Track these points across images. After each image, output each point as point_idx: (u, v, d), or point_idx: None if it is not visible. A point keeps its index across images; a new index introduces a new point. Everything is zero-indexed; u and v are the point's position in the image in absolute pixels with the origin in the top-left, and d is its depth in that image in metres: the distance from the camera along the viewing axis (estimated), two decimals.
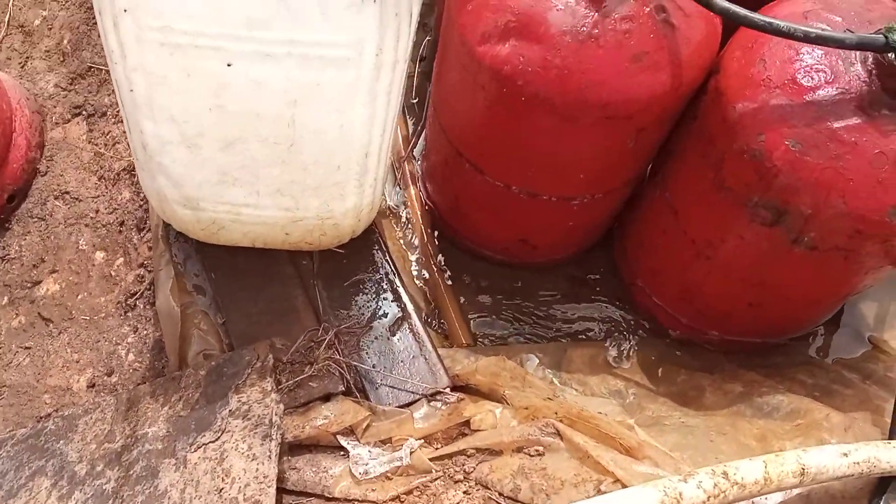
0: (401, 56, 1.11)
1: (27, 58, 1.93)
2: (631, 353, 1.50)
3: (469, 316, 1.59)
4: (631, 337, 1.54)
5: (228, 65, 1.05)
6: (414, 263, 1.68)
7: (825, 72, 1.11)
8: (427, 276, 1.66)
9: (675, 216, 1.39)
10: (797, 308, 1.38)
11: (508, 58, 1.17)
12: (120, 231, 1.64)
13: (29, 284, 1.65)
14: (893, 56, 1.03)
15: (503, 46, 1.18)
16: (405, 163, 1.80)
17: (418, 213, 1.73)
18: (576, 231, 1.57)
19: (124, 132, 1.75)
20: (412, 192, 1.77)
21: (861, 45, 1.04)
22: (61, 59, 1.89)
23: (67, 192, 1.73)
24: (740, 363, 1.42)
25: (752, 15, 1.07)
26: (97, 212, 1.69)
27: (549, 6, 1.15)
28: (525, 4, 1.16)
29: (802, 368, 1.39)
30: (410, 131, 1.86)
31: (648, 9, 1.15)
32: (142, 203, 1.65)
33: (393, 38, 1.07)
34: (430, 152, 1.68)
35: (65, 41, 1.90)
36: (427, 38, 2.05)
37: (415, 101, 1.90)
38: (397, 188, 1.80)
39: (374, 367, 1.37)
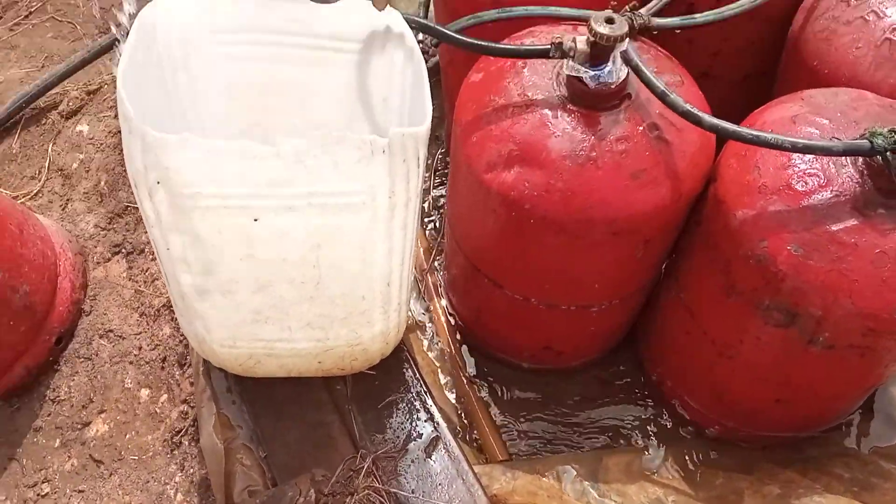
0: (412, 194, 1.19)
1: (67, 200, 2.06)
2: (667, 457, 1.50)
3: (501, 427, 1.61)
4: (665, 439, 1.54)
5: (255, 220, 1.13)
6: (443, 376, 1.72)
7: (818, 176, 1.15)
8: (457, 388, 1.70)
9: (693, 318, 1.42)
10: (824, 403, 1.39)
11: (514, 184, 1.24)
12: (163, 367, 1.72)
13: (79, 426, 1.71)
14: (880, 158, 1.08)
15: (508, 173, 1.25)
16: (427, 275, 1.87)
17: (444, 324, 1.79)
18: (598, 335, 1.61)
19: None
20: (437, 303, 1.83)
21: (848, 152, 1.10)
22: (99, 199, 2.02)
23: (111, 331, 1.82)
24: (776, 460, 1.41)
25: (740, 129, 1.14)
26: (140, 349, 1.77)
27: (547, 133, 1.22)
28: (525, 133, 1.24)
29: (839, 461, 1.38)
30: (430, 243, 1.94)
31: (641, 127, 1.22)
32: (182, 339, 1.73)
33: (403, 181, 1.15)
34: (449, 266, 1.75)
35: (102, 182, 2.04)
36: (440, 150, 2.15)
37: (433, 216, 1.98)
38: (422, 300, 1.86)
39: (413, 492, 1.39)
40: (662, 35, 1.32)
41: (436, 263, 1.90)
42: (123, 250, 1.92)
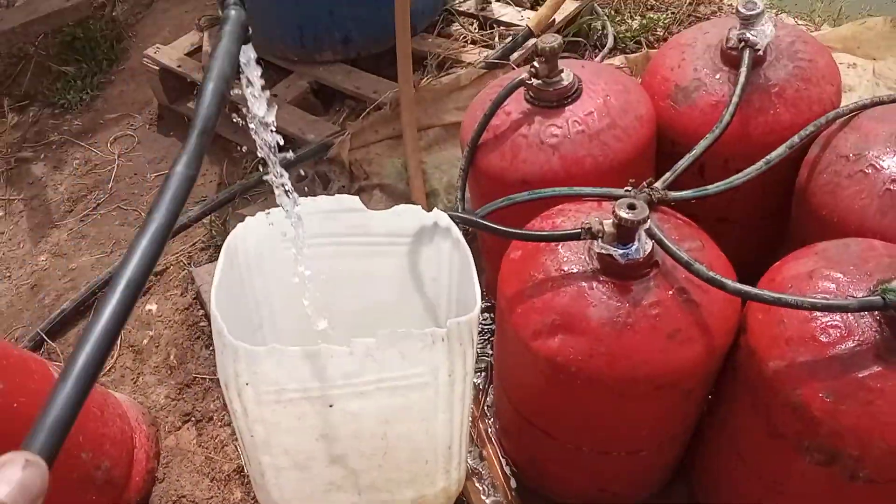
0: (469, 369, 1.31)
1: (139, 374, 2.22)
2: None
3: None
4: None
5: (330, 406, 1.26)
6: None
7: (840, 327, 1.25)
8: None
9: (739, 456, 1.49)
10: None
11: (560, 350, 1.36)
12: None
13: None
14: (893, 311, 1.19)
15: (553, 340, 1.37)
16: (479, 422, 1.96)
17: (498, 470, 1.86)
18: (650, 476, 1.68)
19: (230, 435, 1.98)
20: (489, 449, 1.91)
21: (863, 308, 1.20)
22: (169, 372, 2.17)
23: (184, 496, 1.92)
24: None
25: (762, 293, 1.25)
26: None
27: (586, 304, 1.35)
28: (565, 304, 1.36)
29: None
30: (478, 391, 2.04)
31: (671, 292, 1.35)
32: (253, 501, 1.82)
33: (460, 360, 1.28)
34: (500, 415, 1.84)
35: (171, 356, 2.19)
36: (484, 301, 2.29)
37: (479, 364, 2.09)
38: (475, 447, 1.94)
39: None
40: None
41: (485, 408, 1.99)
42: (193, 418, 2.04)
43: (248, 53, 0.97)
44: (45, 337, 2.34)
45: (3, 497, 0.51)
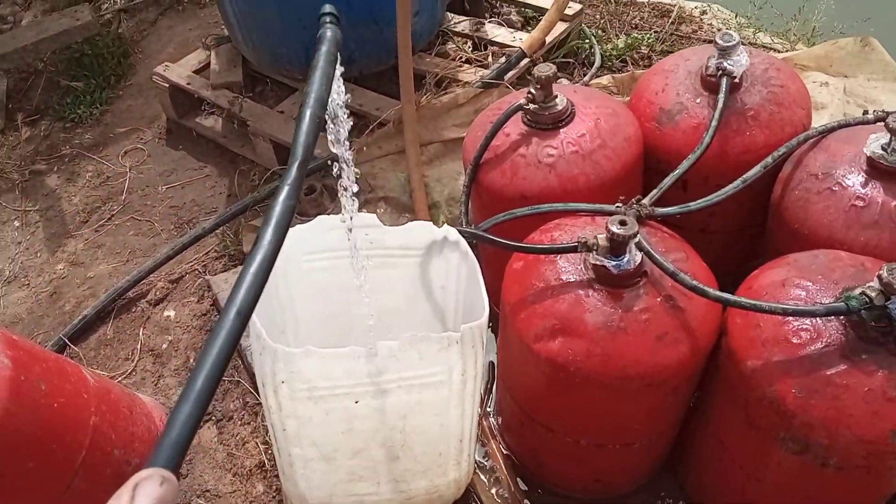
0: (479, 370, 1.46)
1: (159, 377, 2.35)
2: None
3: None
4: None
5: (356, 402, 1.40)
6: None
7: (810, 330, 1.41)
8: None
9: (722, 447, 1.64)
10: None
11: (559, 351, 1.51)
12: None
13: None
14: (856, 316, 1.35)
15: (554, 343, 1.52)
16: (482, 419, 2.11)
17: (502, 464, 2.01)
18: (642, 467, 1.83)
19: (251, 433, 2.12)
20: (493, 444, 2.06)
21: (829, 313, 1.36)
22: (189, 374, 2.30)
23: (208, 490, 2.05)
24: None
25: (740, 300, 1.41)
26: None
27: (583, 310, 1.50)
28: (564, 310, 1.51)
29: None
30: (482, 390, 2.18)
31: (659, 299, 1.50)
32: (275, 494, 1.96)
33: (472, 361, 1.42)
34: (503, 412, 1.99)
35: (191, 359, 2.33)
36: None
37: None
38: (480, 443, 2.09)
39: None
40: None
41: (487, 408, 2.14)
42: (213, 418, 2.18)
43: (338, 69, 0.91)
44: (68, 342, 2.46)
45: None
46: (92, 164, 3.22)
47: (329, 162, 1.15)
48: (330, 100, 0.92)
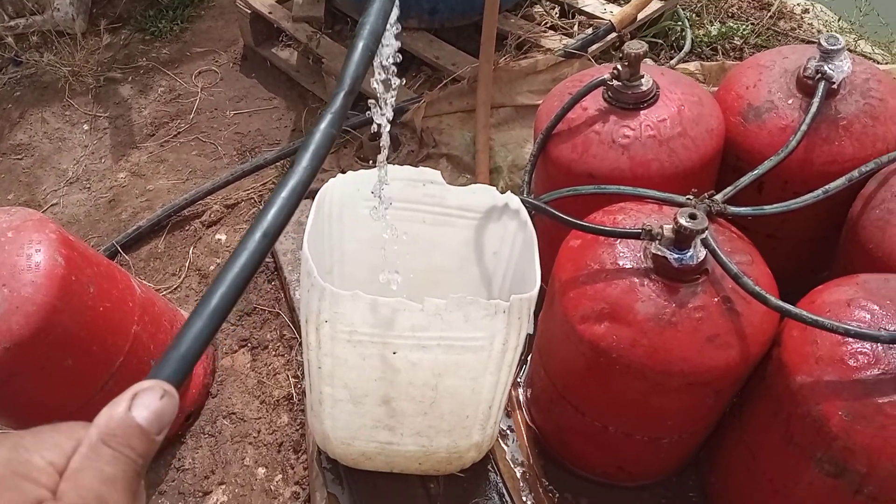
0: (521, 341, 1.44)
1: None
2: None
3: None
4: None
5: (394, 353, 1.40)
6: (522, 483, 1.93)
7: (868, 355, 1.36)
8: (534, 494, 1.90)
9: (753, 457, 1.61)
10: None
11: (604, 336, 1.48)
12: (279, 451, 1.98)
13: (200, 494, 1.97)
14: None
15: (599, 326, 1.49)
16: (511, 389, 2.10)
17: (524, 436, 2.01)
18: (667, 462, 1.81)
19: (283, 364, 2.15)
20: (517, 415, 2.05)
21: (893, 341, 1.30)
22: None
23: (234, 413, 2.10)
24: None
25: (801, 313, 1.36)
26: (259, 432, 2.04)
27: (635, 298, 1.47)
28: (616, 296, 1.48)
29: None
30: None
31: (716, 299, 1.46)
32: (298, 427, 1.99)
33: (516, 332, 1.41)
34: (534, 386, 1.98)
35: None
36: None
37: None
38: (506, 412, 2.08)
39: None
40: None
41: (518, 379, 2.13)
42: (249, 345, 2.21)
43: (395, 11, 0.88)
44: (120, 249, 2.52)
45: (141, 421, 0.54)
46: (166, 80, 3.26)
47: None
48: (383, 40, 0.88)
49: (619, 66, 1.73)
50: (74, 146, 3.04)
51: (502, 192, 1.56)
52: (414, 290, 1.42)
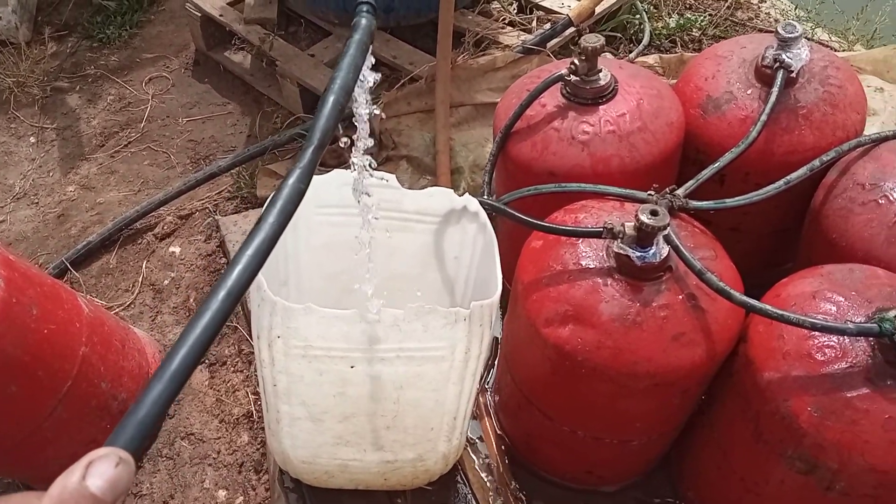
0: (484, 349, 1.40)
1: (157, 312, 2.30)
2: None
3: None
4: None
5: (351, 367, 1.34)
6: (492, 493, 1.88)
7: (835, 348, 1.33)
8: (504, 502, 1.86)
9: (724, 455, 1.58)
10: None
11: (569, 339, 1.44)
12: (240, 472, 1.90)
13: None
14: (888, 339, 1.26)
15: (564, 329, 1.45)
16: (479, 395, 2.05)
17: (493, 443, 1.96)
18: (636, 464, 1.77)
19: (242, 381, 2.08)
20: (486, 422, 2.01)
21: (860, 333, 1.28)
22: (187, 314, 2.26)
23: (192, 434, 2.02)
24: None
25: (766, 308, 1.33)
26: (219, 452, 1.96)
27: (599, 298, 1.43)
28: (579, 297, 1.44)
29: None
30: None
31: (681, 297, 1.42)
32: (259, 446, 1.92)
33: (478, 340, 1.36)
34: (501, 391, 1.93)
35: (191, 299, 2.28)
36: None
37: None
38: (474, 419, 2.03)
39: None
40: None
41: (486, 384, 2.08)
42: (207, 361, 2.14)
43: (369, 59, 0.89)
44: (70, 266, 2.42)
45: (95, 490, 0.52)
46: (115, 88, 3.15)
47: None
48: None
49: (576, 61, 1.68)
50: (21, 160, 2.92)
51: (461, 195, 1.51)
52: (369, 302, 1.36)
